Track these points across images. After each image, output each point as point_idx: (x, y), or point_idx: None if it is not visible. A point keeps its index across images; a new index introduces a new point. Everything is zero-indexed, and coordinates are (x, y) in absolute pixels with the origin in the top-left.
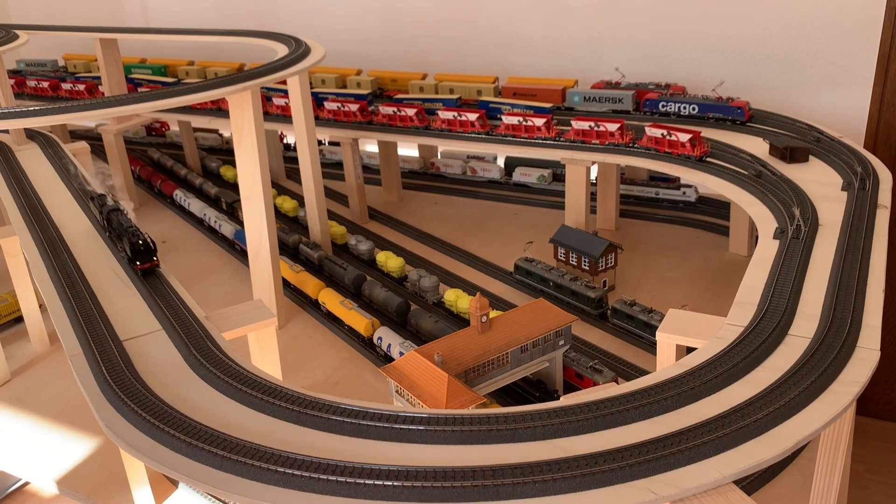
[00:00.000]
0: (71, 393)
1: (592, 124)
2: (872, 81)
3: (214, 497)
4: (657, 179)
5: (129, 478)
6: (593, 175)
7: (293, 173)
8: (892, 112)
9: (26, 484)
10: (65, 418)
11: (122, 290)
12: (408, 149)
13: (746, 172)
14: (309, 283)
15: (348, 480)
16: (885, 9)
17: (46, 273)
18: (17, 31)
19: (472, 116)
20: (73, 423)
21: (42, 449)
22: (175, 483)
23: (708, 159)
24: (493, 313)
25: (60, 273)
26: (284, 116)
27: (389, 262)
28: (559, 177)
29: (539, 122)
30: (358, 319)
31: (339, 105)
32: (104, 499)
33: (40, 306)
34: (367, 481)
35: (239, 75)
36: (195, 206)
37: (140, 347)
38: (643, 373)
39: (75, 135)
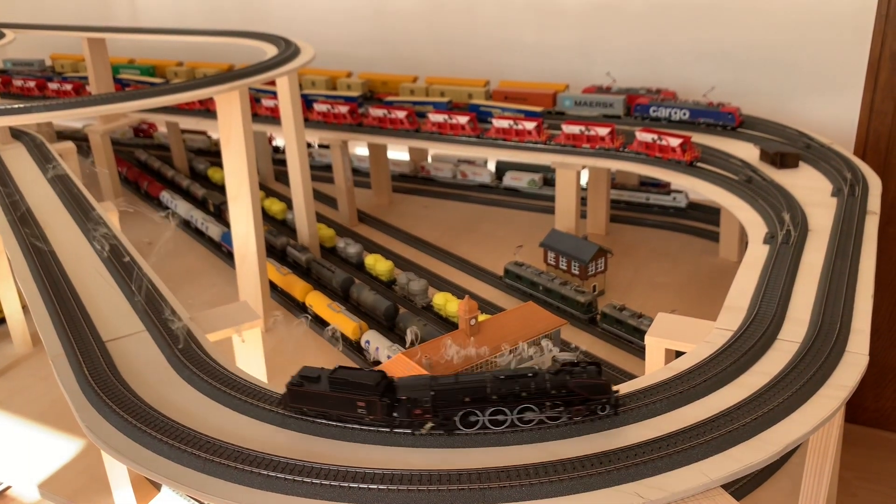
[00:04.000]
0: (53, 395)
1: (583, 128)
2: (862, 88)
3: (197, 500)
4: (648, 184)
5: (111, 481)
6: (584, 179)
7: (282, 175)
8: (881, 119)
9: (7, 488)
10: (47, 420)
11: (105, 290)
12: (398, 152)
13: (737, 178)
14: (296, 286)
15: (333, 484)
16: (875, 16)
17: (29, 273)
18: (4, 30)
19: (463, 119)
20: (56, 425)
21: (23, 452)
22: (157, 486)
23: (698, 164)
24: (482, 317)
25: (43, 273)
26: (273, 118)
27: (378, 265)
28: (550, 181)
29: (530, 125)
30: (345, 322)
31: (329, 107)
32: (86, 502)
33: (23, 307)
34: (352, 485)
35: (227, 74)
36: (182, 207)
37: (123, 349)
38: (632, 377)
39: (62, 135)
